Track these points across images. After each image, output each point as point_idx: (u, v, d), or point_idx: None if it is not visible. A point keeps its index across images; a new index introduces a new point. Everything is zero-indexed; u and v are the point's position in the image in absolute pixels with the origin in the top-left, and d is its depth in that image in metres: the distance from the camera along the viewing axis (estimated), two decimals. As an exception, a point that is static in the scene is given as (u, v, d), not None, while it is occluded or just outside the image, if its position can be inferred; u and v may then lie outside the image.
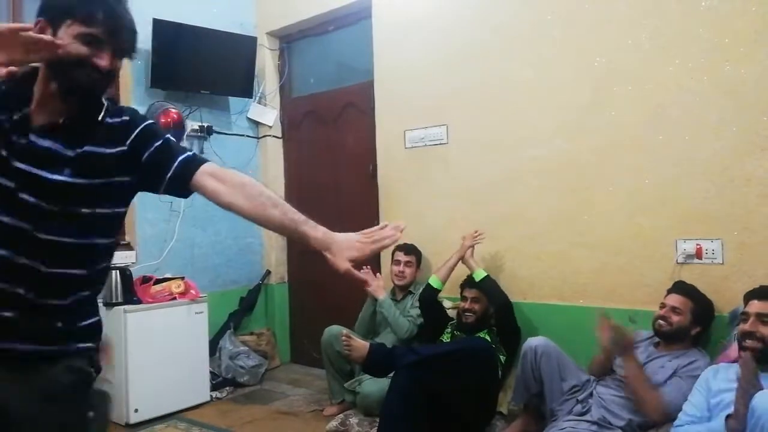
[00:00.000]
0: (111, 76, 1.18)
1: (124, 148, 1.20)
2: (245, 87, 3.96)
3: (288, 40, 4.25)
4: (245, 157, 4.09)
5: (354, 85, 3.84)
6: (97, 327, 1.26)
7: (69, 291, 1.18)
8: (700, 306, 2.24)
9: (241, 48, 3.91)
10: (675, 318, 2.22)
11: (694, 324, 2.22)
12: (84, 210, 1.16)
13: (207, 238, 3.88)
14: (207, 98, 3.90)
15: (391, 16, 3.48)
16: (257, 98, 4.14)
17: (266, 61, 4.18)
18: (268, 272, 4.19)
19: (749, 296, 1.98)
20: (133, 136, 1.21)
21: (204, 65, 3.75)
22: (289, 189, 4.28)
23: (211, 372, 3.45)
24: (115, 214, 1.24)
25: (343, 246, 1.16)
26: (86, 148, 1.16)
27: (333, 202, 3.97)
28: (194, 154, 1.25)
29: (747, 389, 1.65)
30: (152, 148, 1.21)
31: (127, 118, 1.22)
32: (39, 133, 1.14)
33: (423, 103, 3.32)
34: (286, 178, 4.29)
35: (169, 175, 1.21)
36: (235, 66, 3.90)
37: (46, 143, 1.14)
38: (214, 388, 3.43)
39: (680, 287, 2.29)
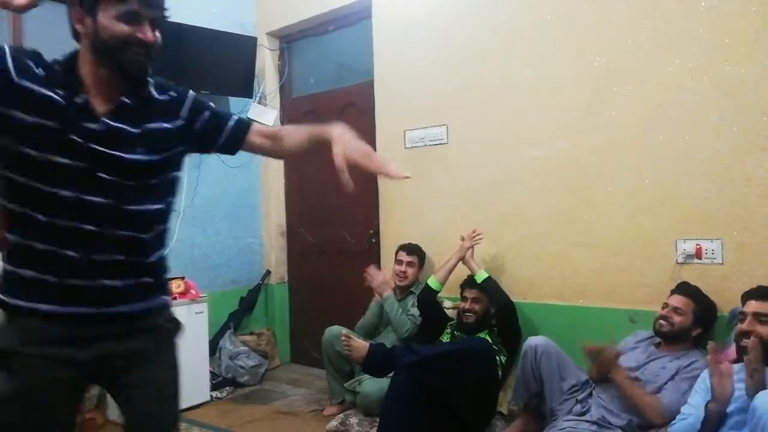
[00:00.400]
0: (154, 50, 1.23)
1: (182, 121, 1.34)
2: (245, 87, 3.96)
3: (288, 40, 4.25)
4: (245, 157, 4.02)
5: (354, 85, 3.84)
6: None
7: (155, 249, 1.35)
8: (703, 307, 2.23)
9: (241, 48, 3.90)
10: (676, 318, 2.22)
11: (696, 325, 2.22)
12: (154, 180, 1.29)
13: (207, 238, 3.88)
14: (207, 98, 3.83)
15: (391, 16, 3.48)
16: (257, 98, 4.14)
17: (266, 61, 4.18)
18: (268, 272, 4.19)
19: (746, 296, 1.99)
20: (186, 108, 1.35)
21: (204, 65, 3.75)
22: (289, 189, 4.28)
23: (211, 372, 3.45)
24: (177, 177, 1.39)
25: (344, 146, 1.33)
26: (149, 125, 1.27)
27: (333, 202, 3.97)
28: (239, 118, 1.44)
29: (752, 375, 1.65)
30: (204, 118, 1.37)
31: (174, 93, 1.34)
32: (107, 116, 1.22)
33: (423, 103, 3.32)
34: (286, 178, 4.29)
35: (222, 140, 1.40)
36: (235, 66, 3.89)
37: (117, 125, 1.22)
38: (214, 388, 3.43)
39: (683, 288, 2.29)
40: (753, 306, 1.91)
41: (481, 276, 2.80)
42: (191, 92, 1.37)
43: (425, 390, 2.29)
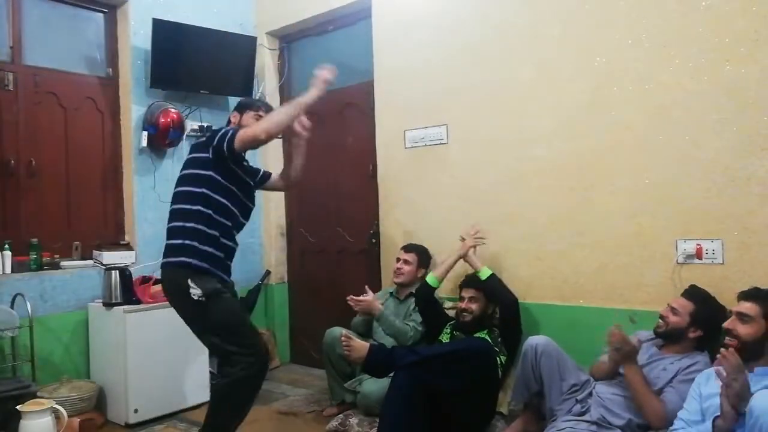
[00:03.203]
0: None
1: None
2: (245, 87, 3.96)
3: (288, 39, 4.25)
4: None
5: (354, 85, 3.83)
6: None
7: None
8: (705, 310, 2.20)
9: (241, 48, 3.90)
10: (672, 318, 2.21)
11: (693, 327, 2.19)
12: None
13: (207, 238, 3.87)
14: (206, 98, 3.90)
15: (391, 16, 3.48)
16: (257, 98, 4.13)
17: (266, 61, 4.18)
18: (268, 272, 4.19)
19: (740, 297, 2.00)
20: None
21: (204, 65, 3.75)
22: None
23: (210, 372, 3.43)
24: None
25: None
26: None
27: (333, 202, 3.97)
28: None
29: (730, 384, 1.65)
30: None
31: None
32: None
33: (423, 103, 3.32)
34: (286, 178, 4.29)
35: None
36: (235, 66, 3.89)
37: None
38: (214, 388, 3.42)
39: (688, 291, 2.27)
40: (741, 306, 1.95)
41: (485, 273, 2.79)
42: None
43: (425, 390, 2.29)
